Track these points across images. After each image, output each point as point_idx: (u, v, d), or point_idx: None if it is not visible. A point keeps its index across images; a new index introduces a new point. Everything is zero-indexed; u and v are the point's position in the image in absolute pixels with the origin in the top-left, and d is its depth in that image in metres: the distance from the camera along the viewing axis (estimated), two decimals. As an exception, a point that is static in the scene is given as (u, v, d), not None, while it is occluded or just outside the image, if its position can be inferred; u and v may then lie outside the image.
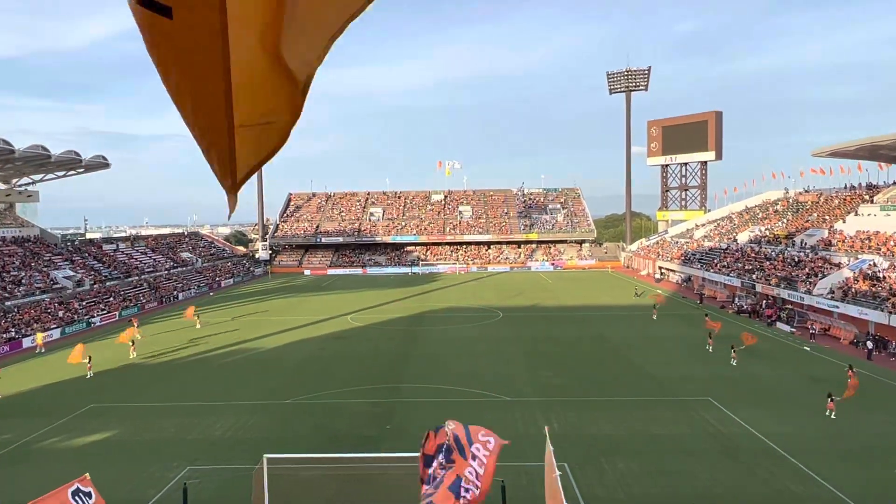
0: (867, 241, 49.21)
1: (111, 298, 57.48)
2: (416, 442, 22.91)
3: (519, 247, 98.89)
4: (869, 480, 19.25)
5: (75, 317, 50.22)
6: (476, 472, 9.96)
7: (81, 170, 64.78)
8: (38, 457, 22.49)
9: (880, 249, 46.58)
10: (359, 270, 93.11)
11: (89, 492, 6.65)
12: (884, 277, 42.08)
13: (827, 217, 60.75)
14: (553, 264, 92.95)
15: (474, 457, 10.03)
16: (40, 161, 57.55)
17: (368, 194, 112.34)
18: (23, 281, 52.71)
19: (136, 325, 44.43)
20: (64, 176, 65.36)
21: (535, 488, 18.95)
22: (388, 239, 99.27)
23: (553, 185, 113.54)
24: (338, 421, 25.65)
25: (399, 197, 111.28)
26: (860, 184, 65.82)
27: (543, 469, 20.41)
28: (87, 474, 8.83)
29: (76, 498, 6.26)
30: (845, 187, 67.52)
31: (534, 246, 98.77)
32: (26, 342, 42.92)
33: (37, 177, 64.96)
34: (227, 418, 26.16)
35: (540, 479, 19.54)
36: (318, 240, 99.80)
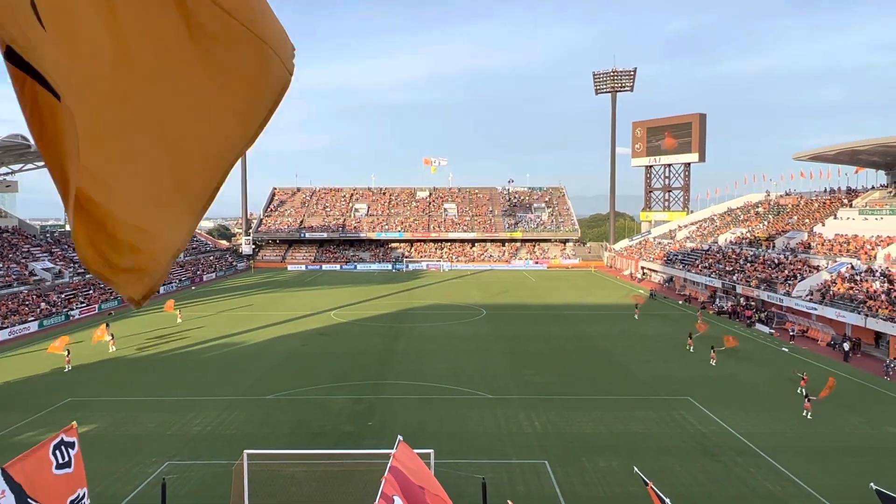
0: (846, 245, 49.95)
1: (91, 291, 56.77)
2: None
3: (503, 245, 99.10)
4: (843, 480, 19.56)
5: (54, 309, 49.54)
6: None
7: (62, 160, 63.79)
8: (14, 451, 22.11)
9: (858, 253, 47.31)
10: (350, 266, 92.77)
11: (73, 442, 6.34)
12: (861, 280, 42.75)
13: (807, 220, 61.57)
14: (537, 262, 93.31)
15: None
16: (20, 151, 56.54)
17: (353, 190, 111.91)
18: (0, 272, 51.88)
19: (107, 326, 42.70)
20: (44, 166, 64.29)
21: (515, 485, 19.07)
22: (373, 235, 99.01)
23: (538, 184, 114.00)
24: (319, 417, 25.57)
25: (384, 193, 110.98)
26: (840, 188, 66.80)
27: (525, 467, 20.56)
28: (75, 423, 8.21)
29: (57, 452, 5.99)
30: (825, 191, 68.47)
31: (518, 244, 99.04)
32: (2, 335, 42.25)
33: (16, 166, 63.89)
34: (207, 413, 25.96)
35: (520, 477, 19.69)
36: (302, 235, 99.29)
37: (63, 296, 53.12)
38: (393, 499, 8.40)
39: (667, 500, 7.99)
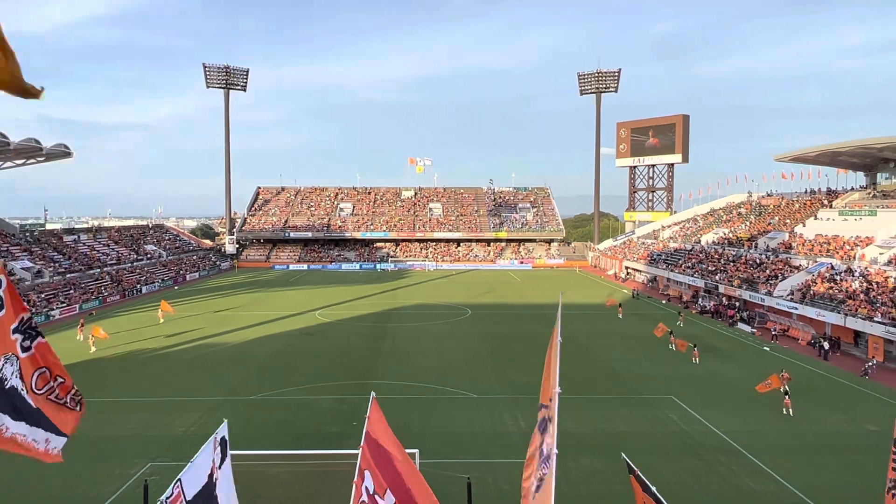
0: (826, 245, 50.60)
1: (72, 291, 56.06)
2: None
3: (488, 245, 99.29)
4: (823, 477, 19.82)
5: (34, 309, 48.84)
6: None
7: (42, 158, 62.92)
8: (-8, 453, 21.78)
9: (838, 253, 47.95)
10: (335, 266, 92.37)
11: None
12: (841, 280, 43.33)
13: (788, 220, 62.30)
14: (522, 262, 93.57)
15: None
16: (-2, 148, 55.73)
17: (338, 189, 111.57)
18: (-22, 272, 51.06)
19: (81, 326, 42.12)
20: (23, 164, 63.43)
21: (500, 485, 19.09)
22: (358, 235, 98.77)
23: (523, 184, 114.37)
24: (304, 417, 25.45)
25: (369, 193, 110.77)
26: (820, 189, 67.67)
27: (509, 466, 20.56)
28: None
29: None
30: (806, 192, 69.32)
31: (503, 244, 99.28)
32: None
33: (-6, 165, 62.89)
34: (190, 414, 25.74)
35: (505, 476, 19.70)
36: (287, 234, 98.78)
37: (43, 296, 52.41)
38: (364, 474, 8.47)
39: (653, 489, 7.97)
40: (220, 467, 10.36)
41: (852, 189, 62.58)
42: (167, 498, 7.83)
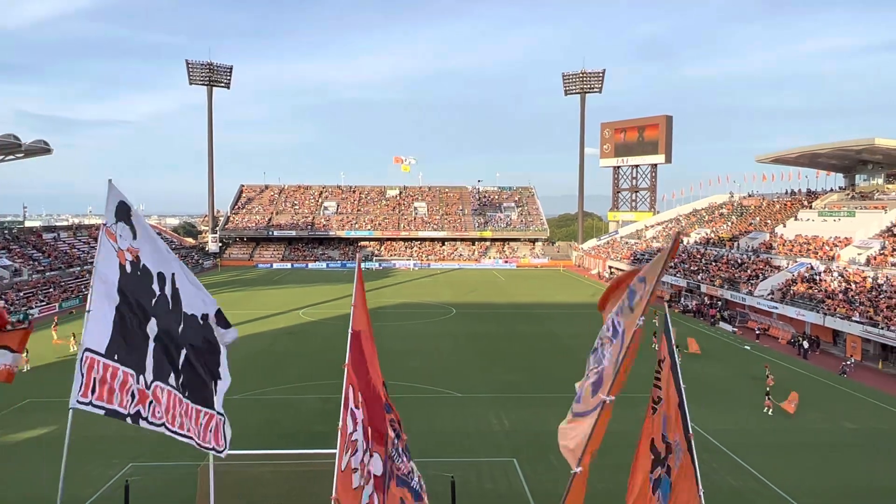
0: (806, 245, 51.30)
1: (51, 289, 55.29)
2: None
3: (473, 244, 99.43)
4: (803, 474, 20.11)
5: (12, 308, 48.10)
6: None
7: (21, 154, 62.00)
8: (-31, 454, 21.47)
9: (817, 253, 48.63)
10: (319, 265, 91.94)
11: None
12: (820, 280, 43.96)
13: (769, 221, 63.07)
14: (506, 261, 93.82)
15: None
16: (-24, 145, 54.86)
17: (323, 188, 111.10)
18: (-45, 270, 50.20)
19: (54, 326, 41.13)
20: (2, 161, 62.48)
21: (483, 483, 19.15)
22: (342, 234, 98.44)
23: (508, 183, 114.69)
24: (288, 417, 25.35)
25: (354, 191, 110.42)
26: (800, 190, 68.56)
27: (493, 465, 20.62)
28: None
29: None
30: (786, 193, 70.21)
31: (488, 243, 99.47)
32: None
33: (-28, 161, 61.87)
34: (172, 414, 25.49)
35: (489, 475, 19.75)
36: (271, 233, 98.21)
37: (21, 294, 51.64)
38: (348, 394, 8.18)
39: (678, 359, 7.69)
40: (135, 240, 8.86)
41: (831, 190, 63.48)
42: (80, 387, 7.06)
